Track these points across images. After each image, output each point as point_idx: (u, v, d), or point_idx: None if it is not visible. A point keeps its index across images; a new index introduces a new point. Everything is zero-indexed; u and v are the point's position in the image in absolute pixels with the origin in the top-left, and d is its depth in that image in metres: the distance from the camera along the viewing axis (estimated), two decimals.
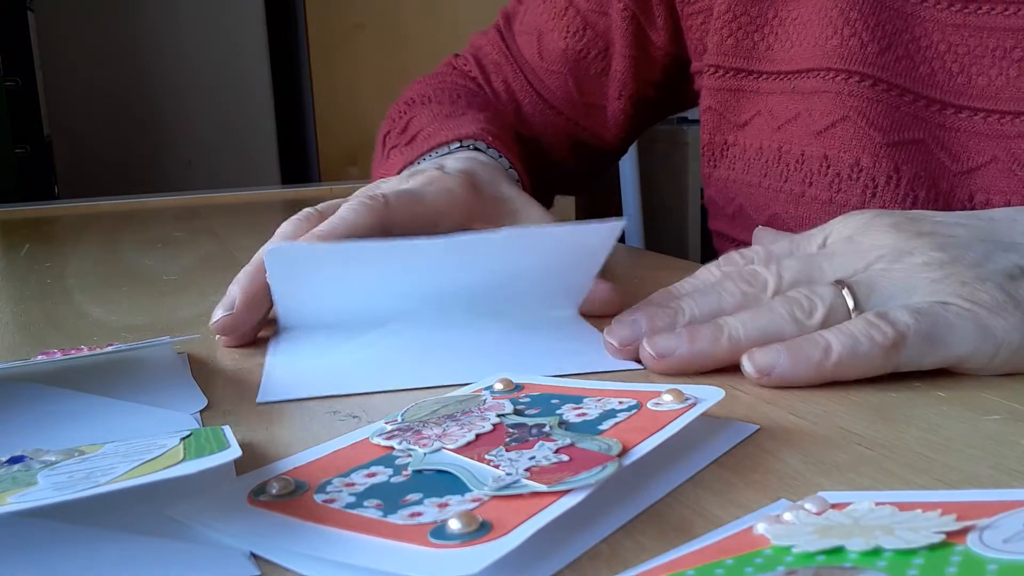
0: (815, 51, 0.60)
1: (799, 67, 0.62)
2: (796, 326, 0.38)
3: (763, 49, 0.64)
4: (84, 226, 0.99)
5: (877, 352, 0.35)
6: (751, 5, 0.65)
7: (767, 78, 0.64)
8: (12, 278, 0.70)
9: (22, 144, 2.05)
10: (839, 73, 0.59)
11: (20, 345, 0.50)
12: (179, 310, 0.56)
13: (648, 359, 0.39)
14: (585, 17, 0.76)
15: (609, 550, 0.24)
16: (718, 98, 0.67)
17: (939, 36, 0.56)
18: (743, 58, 0.66)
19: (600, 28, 0.75)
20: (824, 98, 0.60)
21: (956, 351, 0.36)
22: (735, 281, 0.42)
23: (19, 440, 0.33)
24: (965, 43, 0.55)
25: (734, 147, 0.68)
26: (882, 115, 0.57)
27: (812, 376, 0.36)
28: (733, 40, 0.66)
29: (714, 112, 0.68)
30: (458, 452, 0.28)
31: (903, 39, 0.57)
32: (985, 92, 0.55)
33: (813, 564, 0.20)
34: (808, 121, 0.61)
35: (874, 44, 0.58)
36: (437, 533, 0.23)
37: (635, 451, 0.28)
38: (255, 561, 0.24)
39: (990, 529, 0.21)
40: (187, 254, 0.78)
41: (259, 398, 0.38)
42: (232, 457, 0.27)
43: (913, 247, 0.40)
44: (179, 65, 2.31)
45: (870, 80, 0.58)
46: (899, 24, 0.57)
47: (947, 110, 0.56)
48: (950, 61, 0.56)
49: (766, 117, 0.64)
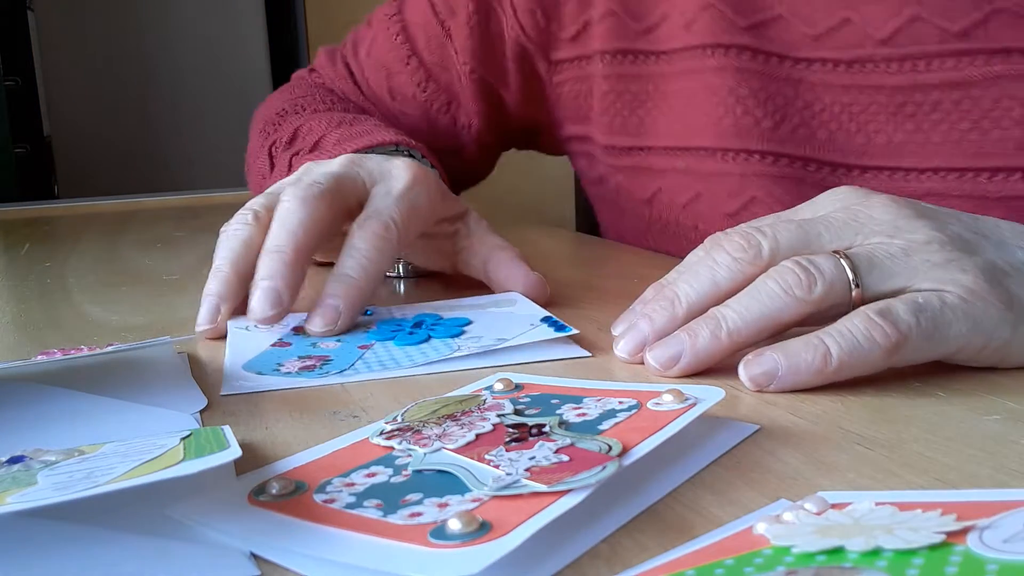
0: (708, 129, 0.60)
1: (690, 144, 0.61)
2: (796, 305, 0.36)
3: (649, 123, 0.64)
4: (84, 226, 0.99)
5: (878, 353, 0.35)
6: (631, 82, 0.64)
7: (660, 153, 0.64)
8: (12, 278, 0.70)
9: (22, 144, 2.05)
10: (739, 153, 0.58)
11: (20, 345, 0.50)
12: (179, 310, 0.56)
13: (654, 370, 0.39)
14: (428, 69, 0.75)
15: (609, 550, 0.24)
16: (624, 175, 0.67)
17: (831, 98, 0.56)
18: (632, 135, 0.66)
19: (443, 82, 0.75)
20: (728, 180, 0.59)
21: (951, 346, 0.36)
22: (726, 248, 0.39)
23: (19, 440, 0.33)
24: (858, 101, 0.55)
25: (651, 219, 0.67)
26: (787, 192, 0.57)
27: (813, 382, 0.36)
28: (620, 118, 0.65)
29: (624, 189, 0.68)
30: (458, 452, 0.28)
31: (796, 107, 0.57)
32: (886, 150, 0.55)
33: (813, 564, 0.20)
34: (714, 202, 0.61)
35: (768, 119, 0.57)
36: (437, 533, 0.23)
37: (635, 451, 0.28)
38: (255, 561, 0.24)
39: (990, 529, 0.21)
40: (187, 254, 0.78)
41: (223, 391, 0.39)
42: (232, 457, 0.27)
43: (913, 226, 0.38)
44: (179, 65, 2.31)
45: (771, 157, 0.57)
46: (790, 93, 0.57)
47: (852, 172, 0.56)
48: (847, 121, 0.55)
49: (668, 195, 0.64)
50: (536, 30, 0.69)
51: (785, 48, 0.57)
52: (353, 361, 0.42)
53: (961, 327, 0.35)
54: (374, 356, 0.43)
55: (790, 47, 0.57)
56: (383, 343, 0.44)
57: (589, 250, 0.82)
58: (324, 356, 0.43)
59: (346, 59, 0.81)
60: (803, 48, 0.57)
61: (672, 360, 0.38)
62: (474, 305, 0.50)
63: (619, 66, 0.64)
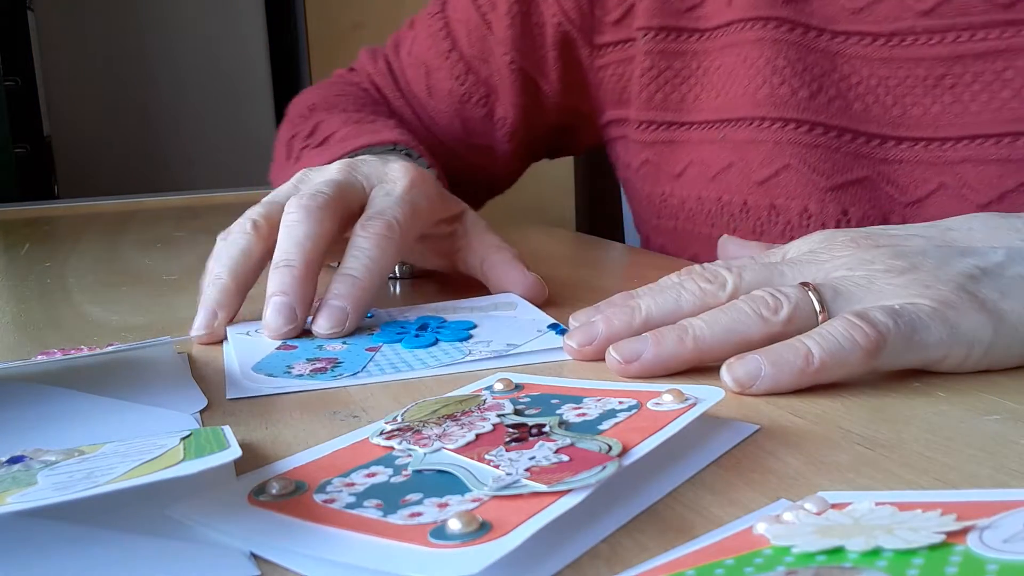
0: (745, 100, 0.61)
1: (729, 116, 0.62)
2: (762, 324, 0.38)
3: (691, 100, 0.65)
4: (84, 226, 0.99)
5: (859, 354, 0.35)
6: (674, 59, 0.65)
7: (697, 128, 0.65)
8: (12, 278, 0.70)
9: (22, 144, 2.05)
10: (774, 122, 0.59)
11: (20, 345, 0.50)
12: (179, 310, 0.56)
13: (614, 364, 0.39)
14: (468, 62, 0.76)
15: (609, 550, 0.24)
16: (654, 151, 0.68)
17: (868, 71, 0.56)
18: (673, 111, 0.66)
19: (482, 75, 0.76)
20: (761, 147, 0.60)
21: (932, 352, 0.36)
22: (694, 279, 0.42)
23: (19, 440, 0.33)
24: (895, 75, 0.56)
25: (671, 198, 0.68)
26: (823, 159, 0.58)
27: (795, 383, 0.36)
28: (661, 94, 0.66)
29: (652, 165, 0.69)
30: (458, 452, 0.28)
31: (833, 79, 0.57)
32: (922, 121, 0.55)
33: (813, 564, 0.20)
34: (745, 171, 0.62)
35: (804, 89, 0.58)
36: (437, 533, 0.23)
37: (635, 451, 0.28)
38: (255, 561, 0.24)
39: (990, 529, 0.21)
40: (187, 254, 0.78)
41: (228, 394, 0.39)
42: (232, 457, 0.27)
43: (872, 256, 0.40)
44: (179, 65, 2.31)
45: (806, 125, 0.58)
46: (827, 65, 0.57)
47: (887, 143, 0.56)
48: (883, 94, 0.56)
49: (699, 167, 0.65)
50: (580, 14, 0.70)
51: (824, 21, 0.58)
52: (364, 364, 0.42)
53: (940, 332, 0.36)
54: (384, 359, 0.42)
55: (829, 20, 0.58)
56: (390, 345, 0.44)
57: (589, 250, 0.82)
58: (332, 359, 0.43)
59: (387, 57, 0.83)
60: (842, 21, 0.57)
61: (634, 354, 0.39)
62: (475, 307, 0.50)
63: (661, 43, 0.65)
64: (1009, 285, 0.38)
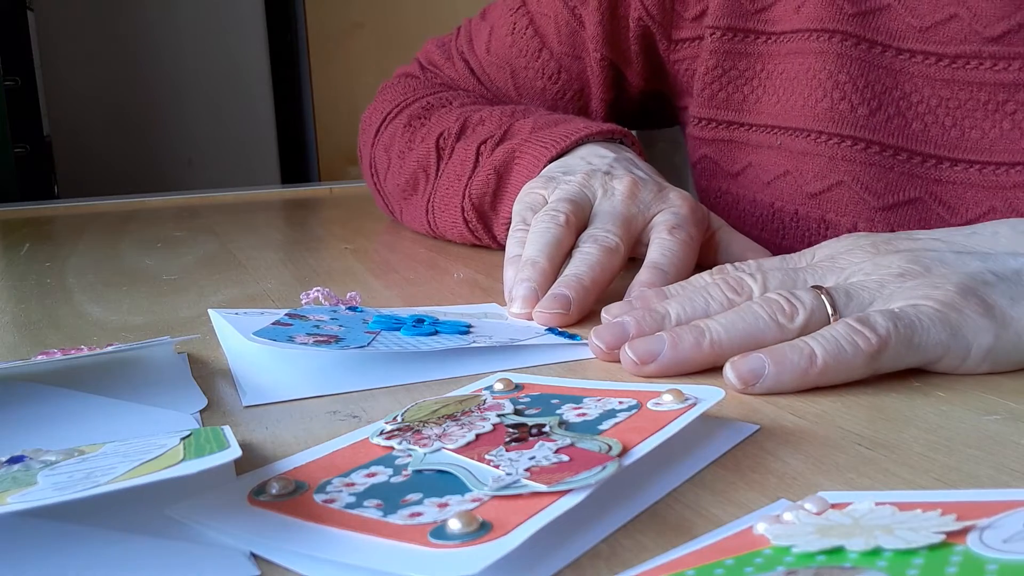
0: (804, 111, 0.61)
1: (787, 124, 0.63)
2: (778, 330, 0.39)
3: (752, 102, 0.65)
4: (84, 226, 0.99)
5: (861, 358, 0.36)
6: (738, 59, 0.65)
7: (756, 130, 0.65)
8: (12, 278, 0.70)
9: (22, 144, 2.05)
10: (831, 136, 0.59)
11: (20, 345, 0.50)
12: (179, 310, 0.56)
13: (629, 363, 0.39)
14: (559, 61, 0.76)
15: (609, 550, 0.24)
16: (713, 147, 0.68)
17: (930, 91, 0.57)
18: (734, 110, 0.67)
19: (575, 71, 0.76)
20: (817, 161, 0.60)
21: (931, 353, 0.37)
22: (722, 288, 0.43)
23: (19, 440, 0.33)
24: (956, 97, 0.56)
25: (727, 195, 0.69)
26: (876, 179, 0.58)
27: (797, 384, 0.36)
28: (724, 93, 0.66)
29: (709, 160, 0.69)
30: (458, 452, 0.28)
31: (893, 96, 0.58)
32: (979, 145, 0.55)
33: (813, 564, 0.20)
34: (799, 181, 0.62)
35: (864, 106, 0.58)
36: (437, 533, 0.23)
37: (635, 451, 0.28)
38: (255, 561, 0.24)
39: (990, 529, 0.21)
40: (187, 254, 0.78)
41: (245, 401, 0.38)
42: (232, 457, 0.27)
43: (889, 262, 0.41)
44: (179, 65, 2.31)
45: (862, 143, 0.58)
46: (888, 82, 0.58)
47: (942, 164, 0.57)
48: (942, 115, 0.56)
49: (756, 170, 0.65)
50: (661, 10, 0.70)
51: (890, 38, 0.58)
52: (368, 341, 0.42)
53: (940, 334, 0.37)
54: (386, 340, 0.42)
55: (895, 37, 0.58)
56: (390, 332, 0.44)
57: None
58: (333, 335, 0.42)
59: (463, 55, 0.82)
60: (908, 39, 0.58)
61: (650, 355, 0.39)
62: (465, 313, 0.50)
63: (728, 43, 0.66)
64: (1023, 292, 0.38)
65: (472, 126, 0.70)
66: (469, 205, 0.67)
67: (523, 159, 0.64)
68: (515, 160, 0.65)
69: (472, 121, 0.71)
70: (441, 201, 0.71)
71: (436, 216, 0.72)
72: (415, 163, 0.74)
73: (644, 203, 0.54)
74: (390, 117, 0.80)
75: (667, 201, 0.55)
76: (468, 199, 0.67)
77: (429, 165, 0.72)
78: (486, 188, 0.66)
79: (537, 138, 0.65)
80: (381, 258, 0.72)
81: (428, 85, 0.82)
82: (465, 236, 0.71)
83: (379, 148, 0.80)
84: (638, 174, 0.57)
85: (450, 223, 0.71)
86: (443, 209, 0.71)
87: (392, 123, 0.79)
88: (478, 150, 0.68)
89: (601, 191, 0.55)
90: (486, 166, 0.66)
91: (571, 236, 0.52)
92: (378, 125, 0.81)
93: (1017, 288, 0.38)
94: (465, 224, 0.69)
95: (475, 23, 0.82)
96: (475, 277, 0.62)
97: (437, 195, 0.71)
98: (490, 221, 0.68)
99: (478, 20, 0.82)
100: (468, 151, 0.69)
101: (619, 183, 0.55)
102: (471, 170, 0.67)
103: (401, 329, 0.44)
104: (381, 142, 0.80)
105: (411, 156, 0.74)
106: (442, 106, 0.76)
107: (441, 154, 0.71)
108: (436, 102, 0.77)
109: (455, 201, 0.69)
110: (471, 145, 0.69)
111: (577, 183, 0.55)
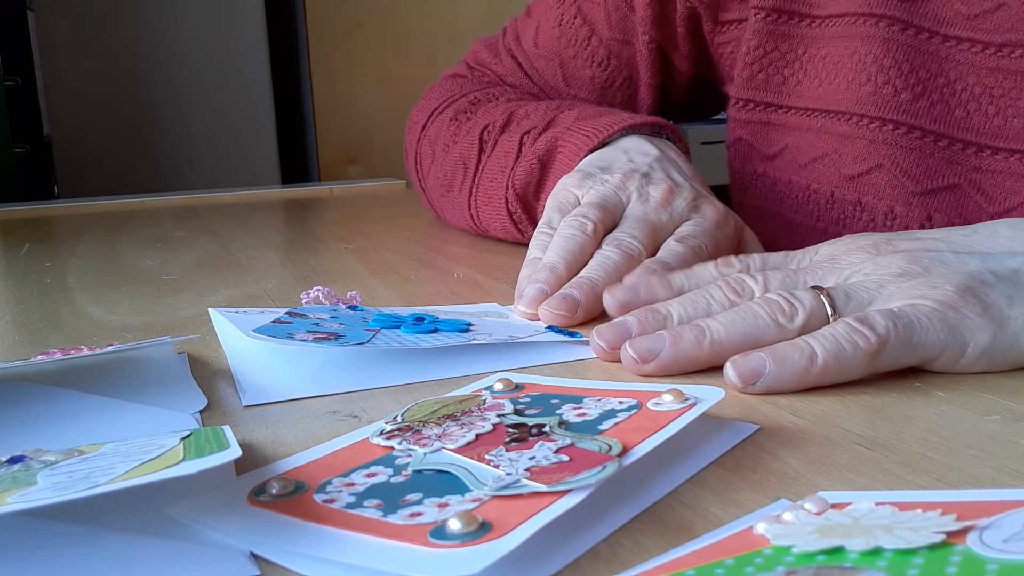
0: (847, 94, 0.61)
1: (828, 107, 0.63)
2: (778, 330, 0.39)
3: (792, 84, 0.65)
4: (84, 226, 0.99)
5: (861, 357, 0.36)
6: (781, 41, 0.65)
7: (795, 113, 0.65)
8: (12, 278, 0.70)
9: (22, 144, 2.05)
10: (873, 120, 0.59)
11: (20, 345, 0.50)
12: (179, 310, 0.56)
13: (629, 361, 0.39)
14: (609, 47, 0.76)
15: (609, 550, 0.24)
16: (748, 129, 0.68)
17: (974, 79, 0.57)
18: (773, 92, 0.66)
19: (624, 57, 0.76)
20: (857, 144, 0.60)
21: (930, 352, 0.37)
22: (723, 289, 0.43)
23: (19, 440, 0.33)
24: (1000, 86, 0.56)
25: (763, 178, 0.68)
26: (915, 164, 0.58)
27: (798, 383, 0.36)
28: (764, 75, 0.66)
29: (744, 143, 0.69)
30: (458, 452, 0.28)
31: (938, 83, 0.58)
32: (1021, 134, 0.56)
33: (813, 564, 0.20)
34: (838, 163, 0.62)
35: (907, 91, 0.58)
36: (437, 533, 0.23)
37: (635, 451, 0.28)
38: (255, 561, 0.24)
39: (990, 529, 0.21)
40: (187, 254, 0.78)
41: (245, 401, 0.38)
42: (232, 457, 0.27)
43: (889, 262, 0.41)
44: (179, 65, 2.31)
45: (904, 128, 0.58)
46: (933, 68, 0.58)
47: (983, 152, 0.57)
48: (986, 103, 0.56)
49: (793, 152, 0.65)
50: None
51: (937, 24, 0.58)
52: (368, 338, 0.42)
53: (938, 333, 0.37)
54: (386, 337, 0.42)
55: (943, 23, 0.58)
56: (389, 331, 0.44)
57: None
58: (332, 333, 0.42)
59: (511, 52, 0.82)
60: (955, 26, 0.58)
61: (651, 353, 0.39)
62: (465, 312, 0.50)
63: (772, 24, 0.65)
64: (1021, 292, 0.38)
65: (517, 119, 0.70)
66: (513, 196, 0.67)
67: (566, 147, 0.64)
68: (558, 148, 0.65)
69: (517, 115, 0.71)
70: (485, 194, 0.71)
71: (479, 211, 0.72)
72: (458, 156, 0.73)
73: (676, 211, 0.55)
74: (437, 112, 0.80)
75: (698, 211, 0.55)
76: (512, 190, 0.67)
77: (471, 158, 0.72)
78: (529, 177, 0.66)
79: (580, 127, 0.64)
80: (381, 258, 0.72)
81: (476, 83, 0.82)
82: (509, 230, 0.70)
83: (424, 143, 0.80)
84: (676, 179, 0.57)
85: (494, 216, 0.70)
86: (487, 202, 0.71)
87: (438, 118, 0.79)
88: (521, 140, 0.68)
89: (636, 195, 0.55)
90: (529, 155, 0.66)
91: (596, 244, 0.52)
92: (424, 121, 0.81)
93: (1015, 288, 0.38)
94: (509, 216, 0.69)
95: (521, 20, 0.83)
96: (475, 277, 0.62)
97: (480, 188, 0.71)
98: (535, 212, 0.67)
99: (524, 17, 0.82)
100: (511, 142, 0.69)
101: (655, 189, 0.55)
102: (514, 160, 0.67)
103: (401, 327, 0.44)
104: (427, 137, 0.79)
105: (455, 149, 0.74)
106: (489, 101, 0.76)
107: (484, 147, 0.71)
108: (483, 97, 0.77)
109: (499, 193, 0.69)
110: (515, 136, 0.69)
111: (613, 185, 0.55)
